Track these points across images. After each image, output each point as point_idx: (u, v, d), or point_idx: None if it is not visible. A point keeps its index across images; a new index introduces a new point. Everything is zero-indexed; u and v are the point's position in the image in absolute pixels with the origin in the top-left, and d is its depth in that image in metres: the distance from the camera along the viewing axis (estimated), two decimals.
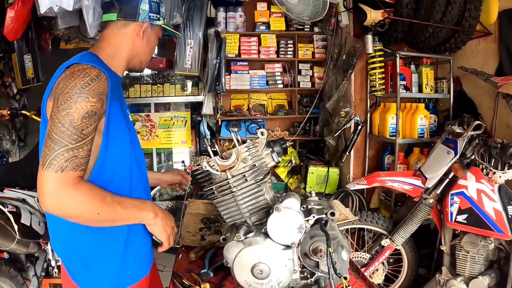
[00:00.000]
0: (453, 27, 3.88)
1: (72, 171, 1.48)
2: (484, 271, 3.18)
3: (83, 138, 1.52)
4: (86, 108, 1.52)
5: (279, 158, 1.62)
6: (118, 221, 1.66)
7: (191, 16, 4.94)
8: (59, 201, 1.46)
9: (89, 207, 1.51)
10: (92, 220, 1.57)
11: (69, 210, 1.50)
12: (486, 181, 3.06)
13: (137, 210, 1.67)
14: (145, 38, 1.89)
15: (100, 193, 1.56)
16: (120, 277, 1.78)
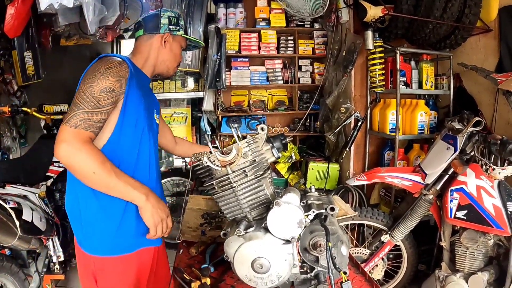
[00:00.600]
0: (453, 24, 3.88)
1: (83, 130, 1.80)
2: (483, 267, 3.18)
3: (99, 107, 1.85)
4: (105, 84, 1.88)
5: (279, 153, 1.63)
6: (111, 190, 1.88)
7: (192, 12, 4.94)
8: (67, 150, 1.76)
9: (89, 164, 1.78)
10: (88, 178, 1.82)
11: (72, 161, 1.78)
12: (485, 177, 3.06)
13: (130, 186, 1.88)
14: (168, 46, 2.29)
15: (102, 157, 1.83)
16: (116, 242, 2.05)
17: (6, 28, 4.11)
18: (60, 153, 1.76)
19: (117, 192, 1.89)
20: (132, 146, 2.07)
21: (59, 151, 1.76)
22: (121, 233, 2.05)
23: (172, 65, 2.38)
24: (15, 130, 5.92)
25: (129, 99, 2.00)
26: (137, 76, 2.10)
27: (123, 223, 2.04)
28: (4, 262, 3.35)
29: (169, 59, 2.33)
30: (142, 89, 2.14)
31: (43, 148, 3.90)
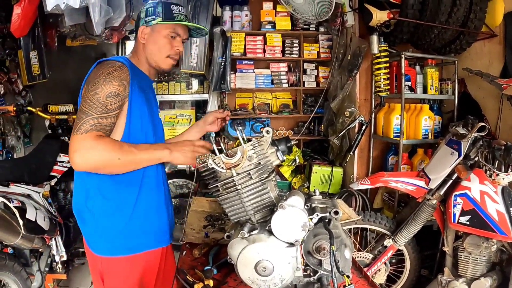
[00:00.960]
0: (459, 29, 3.89)
1: (95, 131, 1.85)
2: (486, 272, 3.18)
3: (107, 111, 1.91)
4: (110, 89, 1.92)
5: (284, 156, 1.64)
6: (139, 164, 2.01)
7: (197, 15, 4.95)
8: (84, 154, 1.81)
9: (109, 154, 1.85)
10: (116, 165, 1.91)
11: (94, 160, 1.84)
12: (489, 183, 3.06)
13: (152, 150, 2.02)
14: (148, 39, 2.22)
15: (117, 142, 1.92)
16: (123, 242, 2.11)
17: (13, 27, 4.13)
18: (77, 161, 1.81)
19: (145, 162, 2.03)
20: None
21: (75, 160, 1.81)
22: (128, 233, 2.11)
23: (160, 57, 2.25)
24: (19, 129, 5.94)
25: (134, 102, 2.04)
26: (137, 77, 2.12)
27: (131, 223, 2.10)
28: (7, 261, 3.36)
29: (154, 52, 2.24)
30: (143, 89, 2.17)
31: (47, 147, 3.92)
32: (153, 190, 2.23)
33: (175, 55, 2.28)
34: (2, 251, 3.43)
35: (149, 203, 2.20)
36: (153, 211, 2.23)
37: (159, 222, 2.29)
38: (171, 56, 2.27)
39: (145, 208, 2.16)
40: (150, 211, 2.20)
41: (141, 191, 2.14)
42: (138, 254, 2.15)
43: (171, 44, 2.24)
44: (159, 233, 2.29)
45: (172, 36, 2.24)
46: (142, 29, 2.22)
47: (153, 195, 2.23)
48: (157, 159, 2.04)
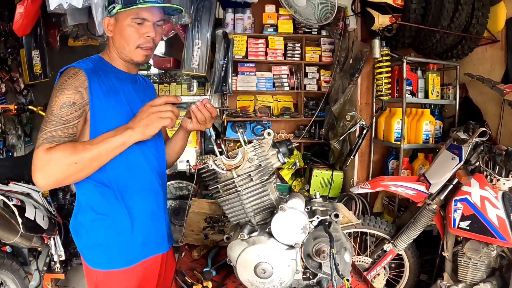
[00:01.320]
0: (461, 34, 3.89)
1: (47, 144, 1.70)
2: (485, 278, 3.18)
3: (63, 123, 1.75)
4: (62, 99, 1.76)
5: (284, 159, 1.63)
6: (100, 156, 1.76)
7: (200, 17, 4.95)
8: (42, 171, 1.68)
9: (64, 161, 1.68)
10: (77, 170, 1.73)
11: (53, 174, 1.69)
12: (490, 188, 3.06)
13: (111, 137, 1.76)
14: (114, 31, 1.99)
15: (69, 146, 1.72)
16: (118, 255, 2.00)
17: (15, 26, 4.15)
18: (39, 184, 1.70)
19: (107, 153, 1.76)
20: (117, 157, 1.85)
21: (36, 183, 1.69)
22: (125, 246, 2.01)
23: (129, 50, 1.97)
24: (20, 128, 5.95)
25: (97, 107, 1.86)
26: (106, 77, 1.94)
27: (126, 236, 2.00)
28: (5, 259, 3.36)
29: (122, 45, 1.97)
30: (116, 90, 1.97)
31: None
32: (147, 197, 2.08)
33: (146, 44, 1.98)
34: (1, 250, 3.43)
35: (145, 211, 2.07)
36: (150, 219, 2.11)
37: (157, 228, 2.18)
38: (141, 46, 1.98)
39: (141, 218, 2.04)
40: (146, 219, 2.08)
41: (134, 201, 2.01)
42: (137, 264, 2.05)
43: (138, 32, 1.95)
44: (157, 240, 2.19)
45: (138, 22, 1.93)
46: (107, 21, 1.99)
47: (148, 203, 2.09)
48: (121, 144, 1.76)
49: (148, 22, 1.96)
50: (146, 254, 2.10)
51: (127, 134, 1.76)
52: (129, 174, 1.99)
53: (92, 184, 1.93)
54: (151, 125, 1.76)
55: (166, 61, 6.00)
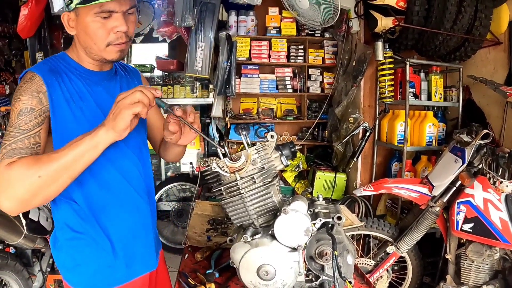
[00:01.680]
0: (464, 36, 3.89)
1: (7, 159, 1.46)
2: (488, 280, 3.17)
3: (22, 133, 1.50)
4: (19, 106, 1.53)
5: (287, 161, 1.63)
6: (71, 166, 1.45)
7: (203, 19, 4.96)
8: (4, 191, 1.42)
9: (27, 177, 1.41)
10: (44, 185, 1.43)
11: (17, 194, 1.41)
12: (493, 191, 3.05)
13: (81, 141, 1.45)
14: (77, 27, 1.64)
15: (32, 159, 1.46)
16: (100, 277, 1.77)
17: (19, 28, 4.16)
18: (4, 207, 1.44)
19: (78, 160, 1.45)
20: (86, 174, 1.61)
21: (1, 206, 1.44)
22: (104, 267, 1.77)
23: (98, 49, 1.65)
24: None
25: (59, 118, 1.61)
26: (68, 82, 1.66)
27: (105, 256, 1.76)
28: (9, 260, 3.37)
29: (88, 44, 1.65)
30: (81, 92, 1.69)
31: None
32: (128, 217, 1.82)
33: (117, 40, 1.65)
34: (4, 251, 3.44)
35: (126, 232, 1.82)
36: (133, 239, 1.85)
37: (143, 248, 1.92)
38: (112, 43, 1.65)
39: (122, 239, 1.80)
40: (128, 240, 1.83)
41: (112, 222, 1.77)
42: (121, 286, 1.82)
43: (105, 28, 1.61)
44: (144, 259, 1.92)
45: (104, 16, 1.58)
46: (66, 16, 1.65)
47: (128, 223, 1.83)
48: (93, 147, 1.44)
49: (117, 13, 1.60)
50: (132, 275, 1.85)
51: (98, 134, 1.44)
52: (104, 193, 1.74)
53: (64, 201, 1.70)
54: (119, 115, 1.42)
55: (169, 63, 6.02)
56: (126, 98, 1.44)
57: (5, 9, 5.25)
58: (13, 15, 4.95)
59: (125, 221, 1.81)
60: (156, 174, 6.40)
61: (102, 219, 1.74)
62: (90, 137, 1.44)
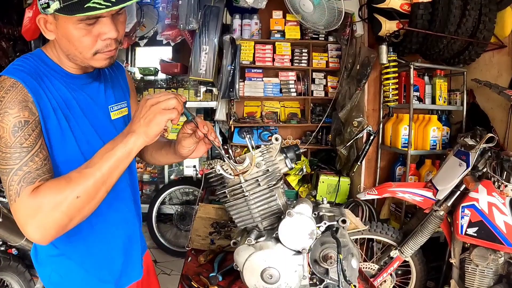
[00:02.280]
0: (468, 39, 3.88)
1: (28, 186, 1.27)
2: (493, 285, 3.16)
3: (28, 151, 1.32)
4: (10, 121, 1.31)
5: (292, 164, 1.63)
6: (107, 178, 1.31)
7: (207, 23, 4.97)
8: (35, 223, 1.25)
9: (61, 199, 1.25)
10: (82, 205, 1.29)
11: (52, 222, 1.25)
12: (497, 194, 3.04)
13: (111, 150, 1.32)
14: (57, 32, 1.43)
15: (61, 180, 1.29)
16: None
17: (24, 30, 4.17)
18: (38, 239, 1.28)
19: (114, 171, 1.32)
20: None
21: (35, 239, 1.28)
22: (87, 282, 1.67)
23: (84, 57, 1.46)
24: None
25: (51, 130, 1.44)
26: (52, 88, 1.47)
27: (88, 270, 1.66)
28: (11, 262, 3.37)
29: (72, 52, 1.45)
30: (68, 103, 1.52)
31: None
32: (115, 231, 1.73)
33: (106, 47, 1.46)
34: (7, 252, 3.44)
35: (115, 243, 1.73)
36: (124, 249, 1.77)
37: (130, 258, 1.83)
38: (100, 51, 1.45)
39: (110, 254, 1.71)
40: (118, 251, 1.74)
41: (101, 232, 1.67)
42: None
43: (91, 35, 1.40)
44: (129, 269, 1.82)
45: (89, 23, 1.37)
46: (42, 20, 1.43)
47: (119, 231, 1.74)
48: (127, 155, 1.32)
49: (104, 17, 1.39)
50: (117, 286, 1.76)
51: (131, 141, 1.32)
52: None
53: None
54: (153, 120, 1.31)
55: (173, 66, 6.04)
56: (160, 103, 1.32)
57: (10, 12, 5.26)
58: (18, 18, 4.95)
59: (113, 236, 1.72)
60: (160, 178, 6.42)
61: (90, 236, 1.64)
62: (122, 145, 1.32)
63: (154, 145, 1.93)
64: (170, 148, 1.81)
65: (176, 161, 1.92)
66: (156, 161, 2.02)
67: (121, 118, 1.80)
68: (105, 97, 1.71)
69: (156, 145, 1.93)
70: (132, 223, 1.82)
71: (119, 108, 1.79)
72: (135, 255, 1.86)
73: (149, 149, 1.97)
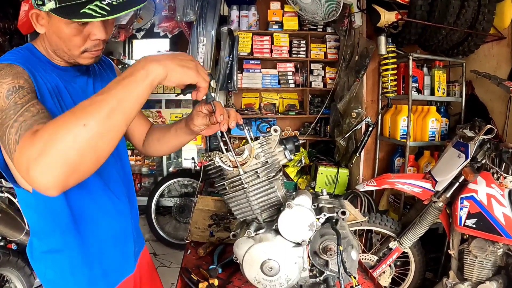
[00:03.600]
0: (467, 30, 3.87)
1: (27, 131, 1.13)
2: (491, 276, 3.17)
3: (22, 106, 1.21)
4: (4, 88, 1.25)
5: (291, 155, 1.62)
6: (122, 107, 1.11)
7: (204, 14, 4.95)
8: (38, 163, 1.04)
9: (64, 130, 1.05)
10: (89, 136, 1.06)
11: (59, 159, 1.04)
12: (496, 186, 3.04)
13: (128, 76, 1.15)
14: (48, 27, 1.43)
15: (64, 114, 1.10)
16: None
17: (20, 24, 4.13)
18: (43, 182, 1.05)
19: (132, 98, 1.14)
20: None
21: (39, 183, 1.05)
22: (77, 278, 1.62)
23: (72, 55, 1.47)
24: None
25: (47, 104, 1.38)
26: (46, 75, 1.47)
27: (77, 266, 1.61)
28: (11, 257, 3.37)
29: (61, 48, 1.46)
30: (61, 91, 1.51)
31: None
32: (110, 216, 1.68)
33: (94, 47, 1.48)
34: (6, 247, 3.44)
35: (105, 237, 1.68)
36: (114, 242, 1.72)
37: (122, 251, 1.78)
38: (88, 50, 1.47)
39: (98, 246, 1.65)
40: (109, 243, 1.70)
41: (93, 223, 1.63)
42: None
43: (81, 35, 1.42)
44: (122, 265, 1.79)
45: (81, 24, 1.39)
46: (34, 14, 1.44)
47: (110, 223, 1.69)
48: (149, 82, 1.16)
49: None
50: (108, 283, 1.72)
51: (151, 67, 1.16)
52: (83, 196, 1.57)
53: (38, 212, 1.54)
54: (187, 68, 1.24)
55: None
56: (200, 68, 1.28)
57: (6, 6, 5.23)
58: (14, 11, 4.93)
59: (104, 228, 1.66)
60: (158, 170, 6.41)
61: (81, 229, 1.58)
62: (143, 70, 1.15)
63: (161, 129, 1.90)
64: (180, 124, 1.76)
65: (185, 140, 1.83)
66: (165, 146, 1.91)
67: None
68: (94, 90, 1.67)
69: (163, 129, 1.89)
70: (124, 216, 1.77)
71: None
72: (127, 250, 1.80)
73: (156, 135, 1.91)
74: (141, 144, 1.97)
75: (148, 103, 6.05)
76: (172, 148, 1.93)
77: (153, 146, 1.93)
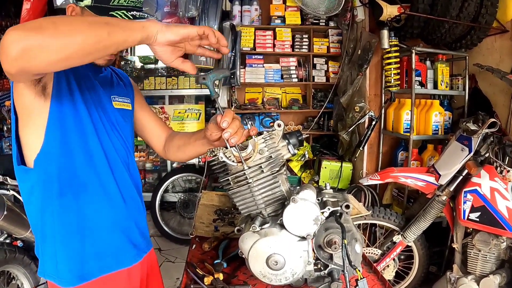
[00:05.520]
0: (470, 24, 3.86)
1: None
2: (495, 270, 3.17)
3: None
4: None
5: (295, 150, 1.62)
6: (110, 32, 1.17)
7: (207, 9, 4.95)
8: (15, 40, 1.04)
9: (64, 23, 1.13)
10: (70, 37, 1.11)
11: (29, 29, 1.07)
12: (500, 179, 3.04)
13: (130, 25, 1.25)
14: None
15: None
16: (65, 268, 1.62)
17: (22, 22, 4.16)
18: (11, 50, 1.04)
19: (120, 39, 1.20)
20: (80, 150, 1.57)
21: (8, 51, 1.04)
22: (73, 258, 1.63)
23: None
24: None
25: (62, 85, 1.50)
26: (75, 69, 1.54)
27: (73, 246, 1.62)
28: (17, 254, 3.38)
29: None
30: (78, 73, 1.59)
31: None
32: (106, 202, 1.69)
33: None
34: (12, 244, 3.45)
35: (104, 219, 1.69)
36: (112, 230, 1.72)
37: (120, 240, 1.76)
38: None
39: (96, 227, 1.66)
40: (106, 229, 1.69)
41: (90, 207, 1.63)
42: (90, 282, 1.65)
43: None
44: (118, 253, 1.76)
45: None
46: (71, 8, 1.58)
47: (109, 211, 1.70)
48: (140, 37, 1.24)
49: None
50: (100, 269, 1.69)
51: (147, 24, 1.26)
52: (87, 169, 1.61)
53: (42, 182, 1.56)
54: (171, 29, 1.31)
55: None
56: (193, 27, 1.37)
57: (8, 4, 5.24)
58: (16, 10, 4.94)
59: (105, 210, 1.69)
60: (162, 166, 6.42)
61: (81, 201, 1.61)
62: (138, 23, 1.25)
63: (182, 136, 1.98)
64: (199, 134, 1.83)
65: (202, 150, 1.88)
66: (184, 154, 1.99)
67: (123, 110, 1.85)
68: (109, 87, 1.79)
69: (184, 137, 1.96)
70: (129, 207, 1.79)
71: (122, 101, 1.85)
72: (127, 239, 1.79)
73: (176, 142, 1.99)
74: (161, 148, 2.08)
75: (151, 99, 6.07)
76: (190, 156, 1.99)
77: (174, 153, 2.03)
